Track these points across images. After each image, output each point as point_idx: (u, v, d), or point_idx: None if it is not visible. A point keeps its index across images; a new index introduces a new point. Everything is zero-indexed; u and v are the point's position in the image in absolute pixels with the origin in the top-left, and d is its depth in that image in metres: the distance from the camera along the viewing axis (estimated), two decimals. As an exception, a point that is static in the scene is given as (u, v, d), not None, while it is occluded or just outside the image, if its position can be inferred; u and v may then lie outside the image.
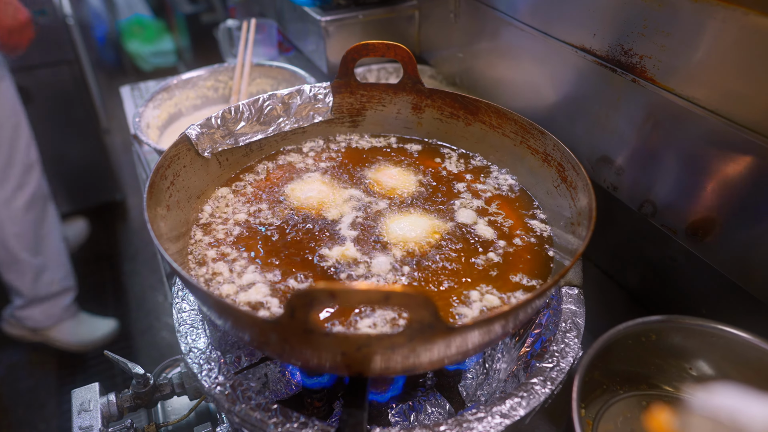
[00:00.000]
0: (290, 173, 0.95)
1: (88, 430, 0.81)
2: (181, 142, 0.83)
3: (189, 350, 0.73)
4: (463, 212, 0.87)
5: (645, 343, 0.77)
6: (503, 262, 0.78)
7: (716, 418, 0.30)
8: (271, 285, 0.73)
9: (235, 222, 0.84)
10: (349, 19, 1.50)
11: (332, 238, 0.80)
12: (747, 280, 0.77)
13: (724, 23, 0.70)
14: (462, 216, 0.86)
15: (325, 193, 0.90)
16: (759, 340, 0.71)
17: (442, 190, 0.91)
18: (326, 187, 0.91)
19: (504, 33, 1.17)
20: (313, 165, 0.97)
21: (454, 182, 0.93)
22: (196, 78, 1.49)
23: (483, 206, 0.88)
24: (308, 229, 0.82)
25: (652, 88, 0.83)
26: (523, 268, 0.77)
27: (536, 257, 0.79)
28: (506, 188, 0.92)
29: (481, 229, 0.83)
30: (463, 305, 0.70)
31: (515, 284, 0.74)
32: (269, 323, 0.53)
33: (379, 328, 0.66)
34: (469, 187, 0.92)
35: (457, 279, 0.74)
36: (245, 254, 0.78)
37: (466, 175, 0.95)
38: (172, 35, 4.44)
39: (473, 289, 0.73)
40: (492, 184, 0.93)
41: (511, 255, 0.79)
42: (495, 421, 0.63)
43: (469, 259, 0.77)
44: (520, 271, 0.76)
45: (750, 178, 0.73)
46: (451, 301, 0.71)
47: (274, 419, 0.63)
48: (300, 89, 0.98)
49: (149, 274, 2.77)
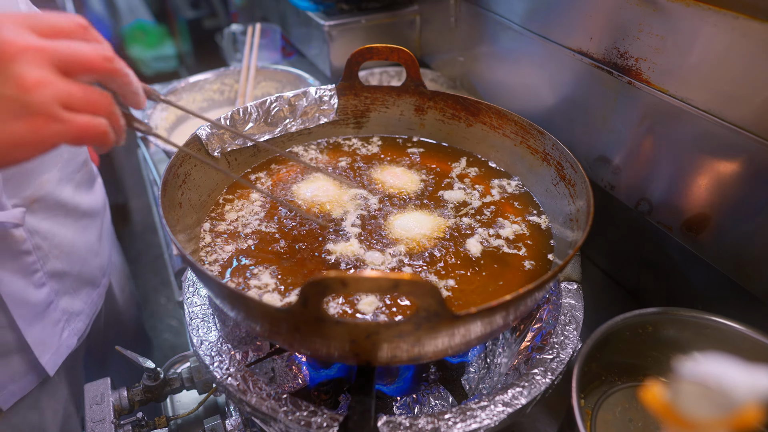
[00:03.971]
0: (296, 173, 0.98)
1: (101, 423, 0.83)
2: (192, 141, 0.85)
3: (201, 343, 0.75)
4: (464, 210, 0.89)
5: (641, 335, 0.79)
6: (504, 257, 0.80)
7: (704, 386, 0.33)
8: (279, 281, 0.75)
9: (244, 221, 0.86)
10: (352, 24, 1.53)
11: (337, 234, 0.83)
12: (741, 276, 0.80)
13: (716, 27, 0.73)
14: (463, 213, 0.88)
15: (330, 192, 0.92)
16: (751, 331, 0.73)
17: (443, 189, 0.94)
18: (331, 186, 0.94)
19: (503, 37, 1.20)
20: (319, 165, 1.00)
21: (455, 181, 0.96)
22: (202, 81, 1.52)
23: (483, 204, 0.91)
24: (313, 227, 0.85)
25: (647, 90, 0.86)
26: (523, 263, 0.79)
27: (536, 253, 0.81)
28: (506, 187, 0.95)
29: (481, 226, 0.86)
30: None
31: (515, 279, 0.77)
32: (282, 312, 0.55)
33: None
34: (469, 185, 0.95)
35: (459, 274, 0.77)
36: (254, 251, 0.80)
37: (468, 174, 0.98)
38: (174, 40, 4.47)
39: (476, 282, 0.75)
40: (492, 182, 0.96)
41: (511, 250, 0.81)
42: (497, 409, 0.66)
43: (470, 255, 0.80)
44: (520, 265, 0.79)
45: (742, 175, 0.75)
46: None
47: (285, 408, 0.65)
48: (306, 91, 1.01)
49: (152, 277, 2.79)
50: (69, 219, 1.03)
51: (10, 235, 0.88)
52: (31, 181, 0.93)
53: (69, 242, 1.03)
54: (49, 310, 0.99)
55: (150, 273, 2.82)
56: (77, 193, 1.06)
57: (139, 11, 4.68)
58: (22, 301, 0.92)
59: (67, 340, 1.03)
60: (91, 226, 1.12)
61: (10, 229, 0.87)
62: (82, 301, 1.08)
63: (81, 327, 1.08)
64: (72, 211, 1.04)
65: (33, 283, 0.94)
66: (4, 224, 0.85)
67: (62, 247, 1.01)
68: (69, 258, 1.03)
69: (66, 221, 1.03)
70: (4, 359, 0.94)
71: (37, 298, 0.95)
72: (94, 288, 1.13)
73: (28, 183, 0.92)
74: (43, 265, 0.96)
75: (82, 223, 1.08)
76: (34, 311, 0.95)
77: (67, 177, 1.02)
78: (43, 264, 0.96)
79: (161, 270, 2.73)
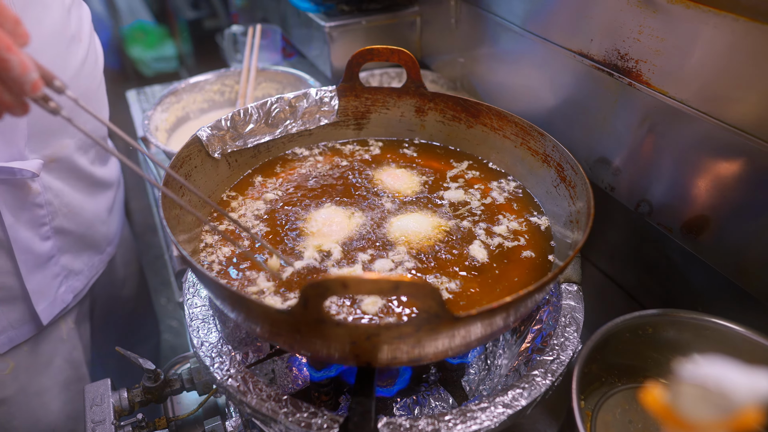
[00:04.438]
0: (297, 174, 0.98)
1: (101, 423, 0.83)
2: (192, 143, 0.86)
3: (201, 344, 0.75)
4: (464, 211, 0.89)
5: (641, 337, 0.79)
6: (504, 259, 0.80)
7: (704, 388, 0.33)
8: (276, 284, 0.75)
9: (245, 222, 0.86)
10: (353, 25, 1.53)
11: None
12: (741, 277, 0.80)
13: (716, 29, 0.73)
14: (463, 215, 0.88)
15: (330, 193, 0.92)
16: (751, 333, 0.73)
17: (444, 190, 0.94)
18: (332, 188, 0.94)
19: (504, 38, 1.20)
20: (320, 166, 1.00)
21: (455, 182, 0.96)
22: (203, 82, 1.52)
23: (484, 205, 0.91)
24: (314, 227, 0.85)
25: (647, 92, 0.86)
26: (524, 264, 0.79)
27: (536, 254, 0.81)
28: (507, 188, 0.95)
29: (482, 227, 0.86)
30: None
31: (516, 280, 0.77)
32: (283, 314, 0.55)
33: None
34: (470, 186, 0.95)
35: (460, 275, 0.77)
36: (253, 254, 0.80)
37: (468, 175, 0.98)
38: (174, 41, 4.47)
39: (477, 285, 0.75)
40: (493, 184, 0.96)
41: (512, 252, 0.81)
42: (498, 410, 0.66)
43: (471, 257, 0.80)
44: (521, 267, 0.79)
45: (742, 177, 0.76)
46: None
47: (285, 409, 0.65)
48: (306, 93, 1.01)
49: (152, 277, 2.79)
50: (81, 183, 1.12)
51: (27, 186, 0.96)
52: (53, 141, 1.00)
53: (78, 204, 1.11)
54: (50, 264, 1.06)
55: (150, 273, 2.82)
56: (93, 164, 1.15)
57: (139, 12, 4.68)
58: (27, 250, 1.00)
59: (63, 295, 1.12)
60: (101, 196, 1.20)
61: (27, 179, 0.94)
62: (82, 262, 1.16)
63: (78, 286, 1.16)
64: (85, 177, 1.12)
65: (39, 235, 1.02)
66: (22, 172, 0.92)
67: (71, 207, 1.09)
68: (76, 219, 1.11)
69: (78, 185, 1.11)
70: (6, 305, 1.02)
71: (41, 249, 1.03)
72: (97, 253, 1.21)
73: (50, 143, 1.00)
74: (51, 221, 1.04)
75: (93, 191, 1.17)
76: (36, 261, 1.03)
77: (84, 147, 1.10)
78: (51, 219, 1.04)
79: (161, 270, 2.73)
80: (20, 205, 0.96)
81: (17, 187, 0.95)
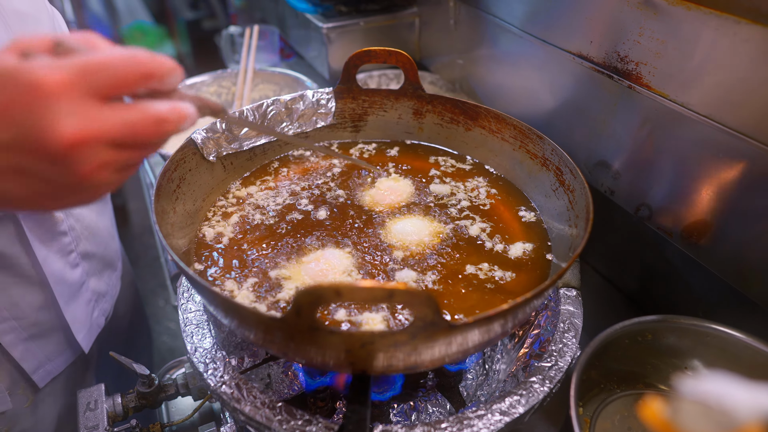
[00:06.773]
0: (293, 177, 0.97)
1: (94, 429, 0.82)
2: (187, 146, 0.85)
3: (195, 350, 0.74)
4: (462, 215, 0.88)
5: (641, 343, 0.79)
6: (502, 264, 0.79)
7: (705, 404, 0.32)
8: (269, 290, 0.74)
9: (240, 227, 0.86)
10: (351, 26, 1.53)
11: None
12: (742, 282, 0.79)
13: (718, 31, 0.72)
14: (461, 219, 0.88)
15: (327, 195, 0.91)
16: (752, 339, 0.72)
17: (442, 193, 0.93)
18: (328, 190, 0.93)
19: (503, 40, 1.19)
20: (318, 168, 0.99)
21: (453, 185, 0.95)
22: (199, 84, 1.51)
23: (482, 209, 0.90)
24: (310, 230, 0.84)
25: (647, 94, 0.85)
26: (522, 269, 0.78)
27: (534, 258, 0.80)
28: (505, 192, 0.94)
29: (480, 232, 0.85)
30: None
31: (514, 285, 0.76)
32: (276, 321, 0.55)
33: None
34: (468, 190, 0.94)
35: (457, 281, 0.76)
36: (249, 259, 0.79)
37: (466, 179, 0.97)
38: (173, 41, 4.46)
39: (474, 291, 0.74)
40: (491, 187, 0.95)
41: (509, 257, 0.80)
42: (495, 418, 0.65)
43: (468, 262, 0.79)
44: (519, 272, 0.78)
45: (743, 181, 0.75)
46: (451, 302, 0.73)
47: (279, 417, 0.64)
48: (303, 95, 1.00)
49: (150, 278, 2.78)
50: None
51: (51, 215, 0.94)
52: None
53: (94, 224, 1.09)
54: (83, 290, 1.04)
55: (148, 275, 2.81)
56: None
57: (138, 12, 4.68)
58: (61, 281, 0.97)
59: (97, 319, 1.10)
60: (106, 211, 1.19)
61: None
62: (105, 283, 1.15)
63: (107, 307, 1.15)
64: None
65: (69, 263, 1.00)
66: None
67: (91, 229, 1.08)
68: (95, 240, 1.10)
69: (91, 204, 1.09)
70: (44, 338, 0.99)
71: (72, 277, 1.01)
72: (114, 270, 1.20)
73: None
74: (76, 246, 1.02)
75: (100, 207, 1.15)
76: (71, 290, 1.01)
77: None
78: (76, 245, 1.02)
79: (159, 272, 2.72)
80: (49, 237, 0.94)
81: (43, 218, 0.92)
